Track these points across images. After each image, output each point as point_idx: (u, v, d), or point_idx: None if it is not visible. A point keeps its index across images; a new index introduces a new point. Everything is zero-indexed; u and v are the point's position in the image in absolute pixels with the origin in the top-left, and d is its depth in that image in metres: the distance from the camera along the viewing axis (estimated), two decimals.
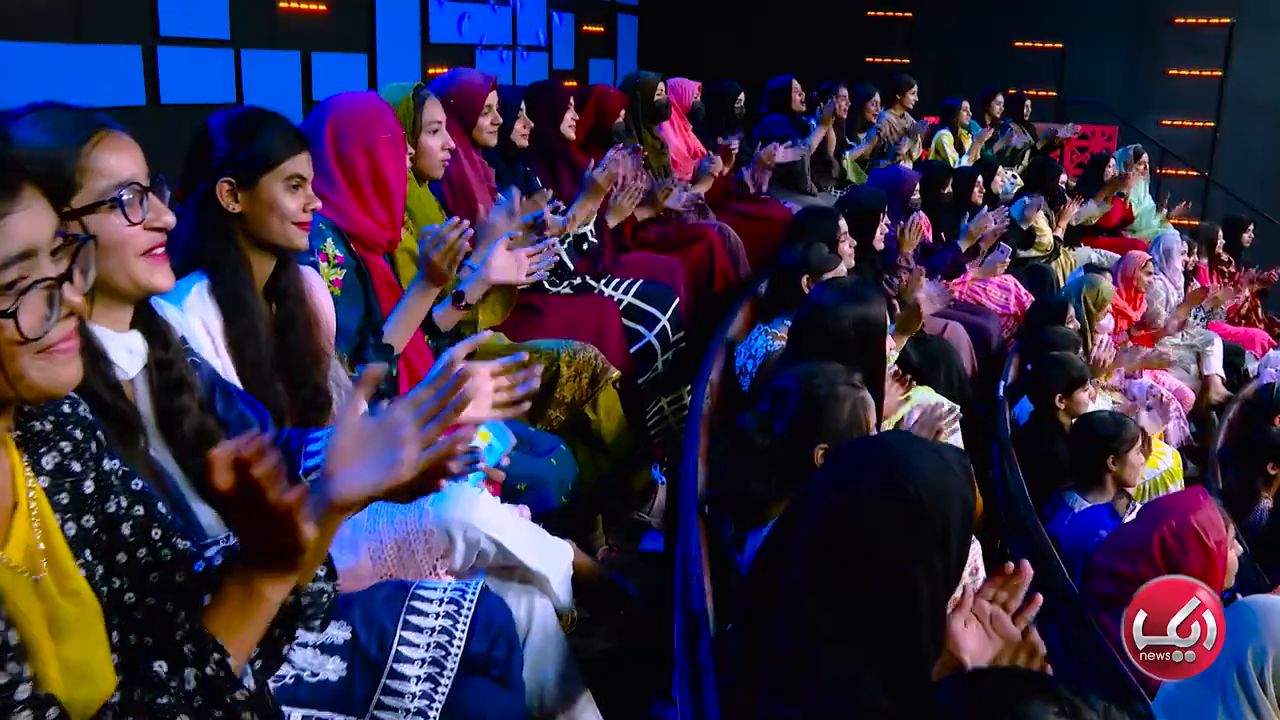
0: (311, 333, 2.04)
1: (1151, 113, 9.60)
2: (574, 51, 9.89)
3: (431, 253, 2.32)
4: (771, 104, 6.60)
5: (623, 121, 4.51)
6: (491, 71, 8.70)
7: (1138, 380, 5.82)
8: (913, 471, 1.51)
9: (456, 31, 8.30)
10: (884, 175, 5.41)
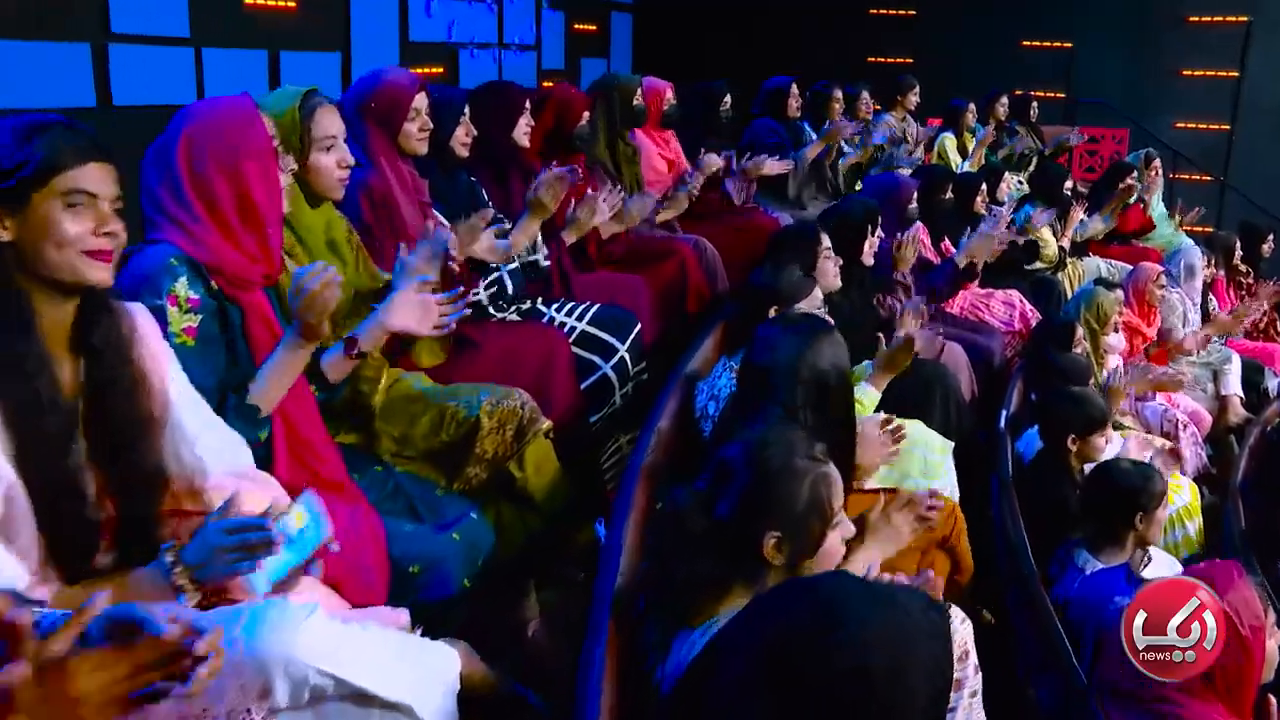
0: (136, 396, 1.62)
1: (1164, 115, 9.11)
2: (565, 51, 9.46)
3: (294, 304, 1.90)
4: (766, 107, 6.15)
5: (587, 126, 4.07)
6: (477, 71, 8.35)
7: (1150, 403, 5.36)
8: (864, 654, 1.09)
9: (438, 29, 7.88)
10: (877, 183, 4.96)
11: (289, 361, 1.96)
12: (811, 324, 2.27)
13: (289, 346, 1.96)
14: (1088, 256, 6.89)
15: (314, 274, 1.87)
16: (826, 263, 3.37)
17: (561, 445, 2.96)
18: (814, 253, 3.35)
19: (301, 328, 1.93)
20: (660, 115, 4.90)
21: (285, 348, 1.97)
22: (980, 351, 4.80)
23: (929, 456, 3.41)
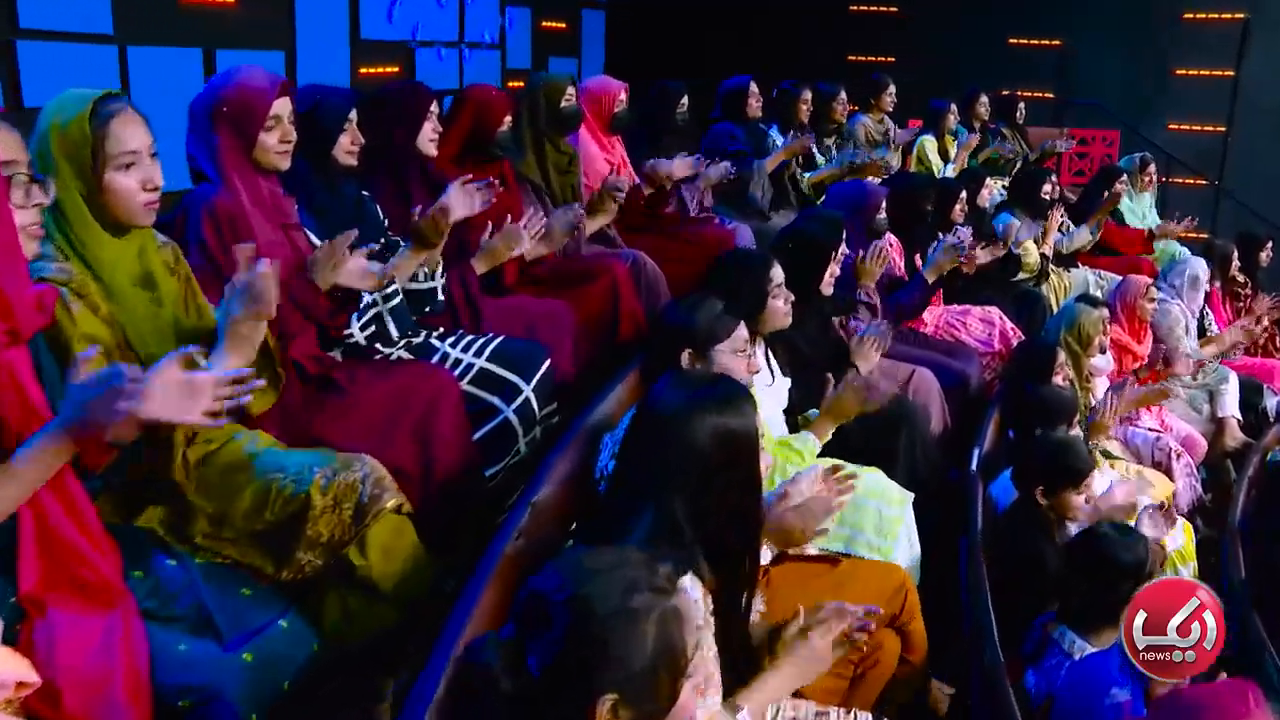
0: None
1: (1157, 116, 8.64)
2: (532, 49, 9.00)
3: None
4: (725, 110, 5.68)
5: (508, 131, 3.62)
6: (436, 71, 7.90)
7: (1139, 429, 4.91)
8: None
9: (392, 26, 7.42)
10: (844, 192, 4.50)
11: (47, 453, 1.51)
12: (711, 389, 1.80)
13: (52, 438, 1.51)
14: (1076, 268, 6.43)
15: None
16: (775, 301, 2.92)
17: (449, 504, 2.52)
18: (761, 289, 2.90)
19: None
20: (610, 118, 4.44)
21: (47, 438, 1.51)
22: (954, 376, 4.34)
23: (885, 511, 2.96)
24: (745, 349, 2.37)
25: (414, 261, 2.80)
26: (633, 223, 4.31)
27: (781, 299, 2.93)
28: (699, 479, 1.68)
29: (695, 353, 2.31)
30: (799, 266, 3.45)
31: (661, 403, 1.78)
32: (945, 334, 4.84)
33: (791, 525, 2.26)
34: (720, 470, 1.70)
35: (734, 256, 2.96)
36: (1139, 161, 7.06)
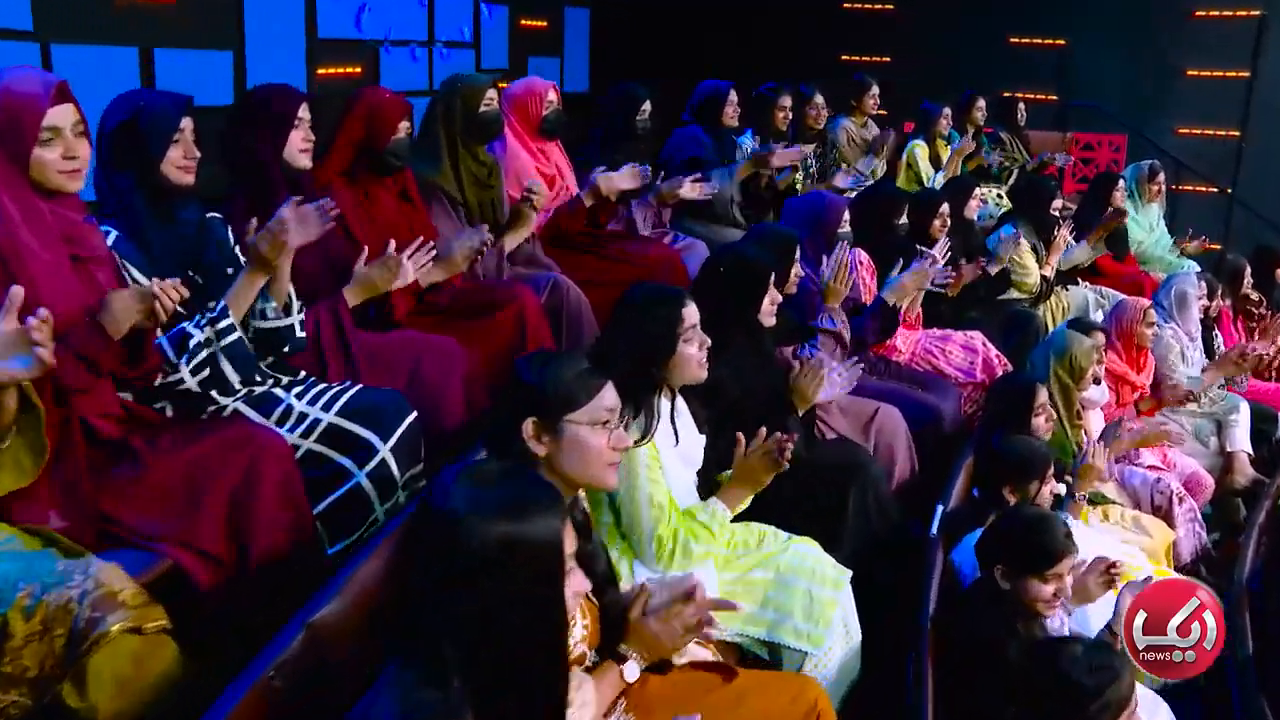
0: None
1: (1166, 119, 8.08)
2: (509, 49, 8.53)
3: None
4: (698, 114, 5.19)
5: (406, 139, 3.15)
6: (402, 72, 7.44)
7: (1137, 468, 4.40)
8: None
9: (353, 24, 6.96)
10: (801, 205, 4.01)
11: None
12: (505, 486, 1.34)
13: None
14: (1075, 285, 5.92)
15: None
16: (687, 347, 2.43)
17: (270, 595, 2.06)
18: (669, 333, 2.42)
19: None
20: (539, 122, 3.97)
21: None
22: (926, 413, 3.85)
23: (816, 592, 2.49)
24: (609, 419, 1.89)
25: (251, 288, 2.34)
26: (573, 241, 3.84)
27: (695, 344, 2.45)
28: (472, 601, 1.23)
29: (540, 422, 1.84)
30: (732, 294, 2.98)
31: (439, 498, 1.34)
32: (922, 362, 4.35)
33: (655, 635, 1.81)
34: (500, 591, 1.25)
35: (639, 293, 2.48)
36: (1147, 170, 6.52)
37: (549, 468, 1.88)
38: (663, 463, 2.44)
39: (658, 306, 2.45)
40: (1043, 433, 3.57)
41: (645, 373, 2.42)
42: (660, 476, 2.43)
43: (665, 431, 2.46)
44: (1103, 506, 4.06)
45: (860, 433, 3.57)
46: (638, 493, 2.39)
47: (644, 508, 2.39)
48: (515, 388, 1.87)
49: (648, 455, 2.40)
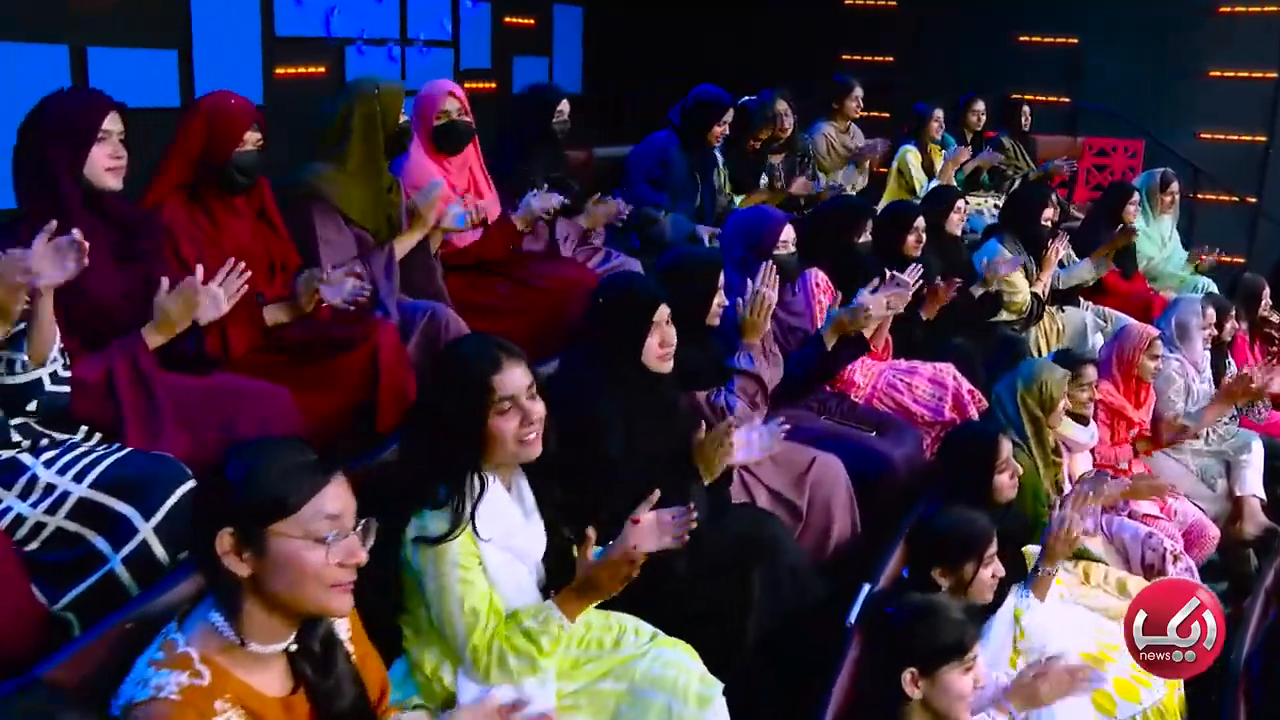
0: None
1: (1186, 123, 7.47)
2: (491, 47, 8.08)
3: None
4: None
5: (253, 152, 2.69)
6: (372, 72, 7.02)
7: (1127, 519, 3.86)
8: None
9: (315, 21, 6.54)
10: (738, 222, 3.50)
11: None
12: None
13: None
14: (1074, 305, 5.35)
15: None
16: (503, 421, 1.97)
17: None
18: (477, 407, 1.97)
19: None
20: (432, 130, 3.50)
21: None
22: (877, 462, 3.34)
23: (677, 709, 2.00)
24: (334, 529, 1.43)
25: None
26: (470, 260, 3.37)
27: (515, 418, 1.98)
28: None
29: (238, 534, 1.38)
30: (610, 334, 2.51)
31: None
32: (885, 399, 3.83)
33: None
34: None
35: (454, 349, 2.02)
36: (1158, 179, 5.94)
37: (255, 592, 1.42)
38: (483, 558, 1.99)
39: (467, 368, 1.99)
40: (1007, 492, 3.07)
41: (453, 451, 1.96)
42: (478, 576, 1.99)
43: (496, 518, 2.00)
44: (1084, 565, 3.55)
45: (794, 486, 3.08)
46: (447, 596, 1.96)
47: (455, 613, 1.96)
48: (208, 488, 1.41)
49: (459, 552, 1.96)
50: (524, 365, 2.03)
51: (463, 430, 1.96)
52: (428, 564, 1.95)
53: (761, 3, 8.32)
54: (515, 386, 2.00)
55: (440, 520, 1.94)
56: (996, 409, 3.53)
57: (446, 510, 1.94)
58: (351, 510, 1.47)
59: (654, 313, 2.50)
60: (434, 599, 1.98)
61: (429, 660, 2.05)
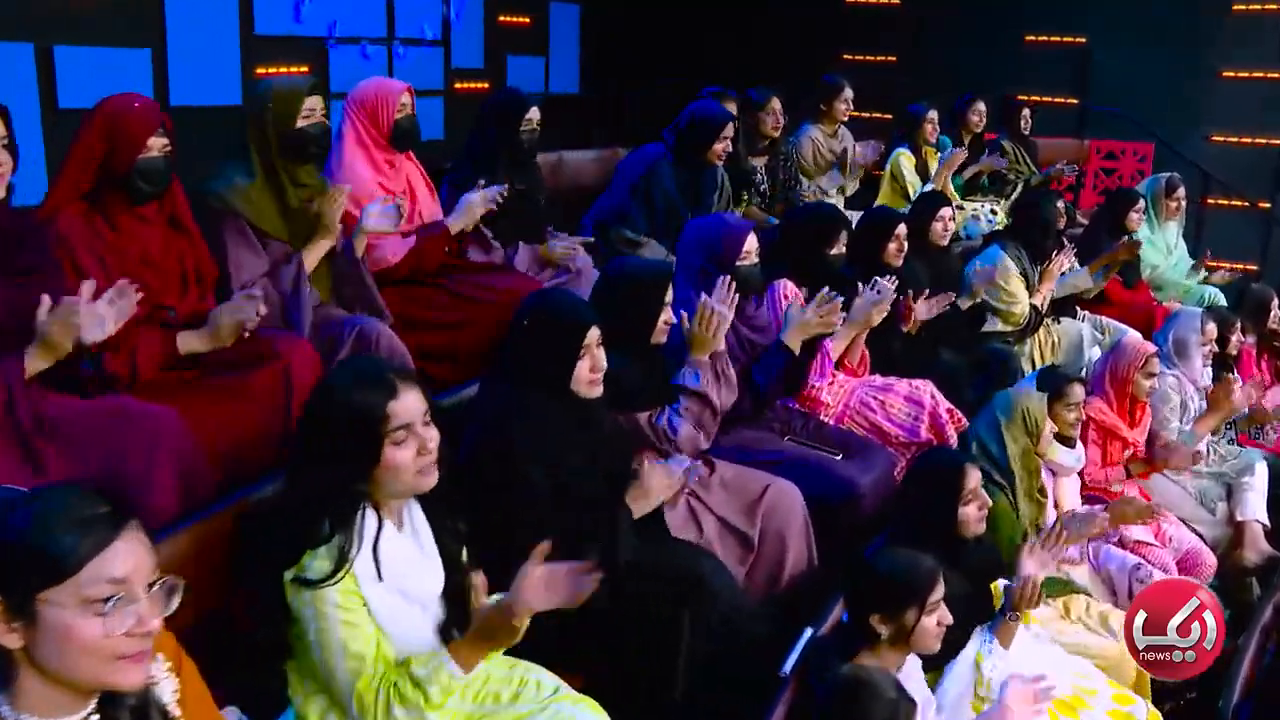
0: None
1: (1199, 125, 7.19)
2: (484, 47, 7.89)
3: None
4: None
5: (159, 158, 2.50)
6: (356, 72, 6.82)
7: (1114, 549, 3.61)
8: None
9: (294, 19, 6.37)
10: (696, 232, 3.28)
11: None
12: None
13: None
14: (1070, 315, 5.10)
15: None
16: (399, 451, 1.77)
17: None
18: (370, 435, 1.78)
19: None
20: (389, 130, 3.30)
21: None
22: (840, 488, 3.12)
23: None
24: (116, 594, 1.23)
25: None
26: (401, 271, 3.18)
27: (412, 447, 1.79)
28: None
29: (5, 603, 1.18)
30: (535, 358, 2.31)
31: None
32: (857, 418, 3.61)
33: None
34: None
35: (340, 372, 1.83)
36: (1164, 184, 5.68)
37: (30, 664, 1.23)
38: (369, 601, 1.79)
39: (359, 394, 1.79)
40: (973, 526, 2.83)
41: (341, 484, 1.77)
42: (363, 619, 1.80)
43: (385, 557, 1.83)
44: (1065, 598, 3.31)
45: (745, 515, 2.87)
46: (329, 640, 1.78)
47: (338, 659, 1.79)
48: None
49: (339, 594, 1.77)
50: (419, 389, 1.85)
51: (354, 462, 1.78)
52: (307, 607, 1.78)
53: (763, 1, 8.10)
54: (411, 413, 1.82)
55: (323, 560, 1.77)
56: (976, 450, 3.29)
57: (331, 549, 1.77)
58: (146, 570, 1.27)
59: (584, 336, 2.30)
60: (316, 644, 1.81)
61: (314, 710, 1.89)
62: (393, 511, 1.90)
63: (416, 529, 1.92)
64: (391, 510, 1.90)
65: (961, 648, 2.70)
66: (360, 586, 1.79)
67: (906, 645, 2.17)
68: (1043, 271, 4.83)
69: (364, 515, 1.81)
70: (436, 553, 1.94)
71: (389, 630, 1.82)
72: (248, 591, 1.88)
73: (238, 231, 2.79)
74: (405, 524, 1.91)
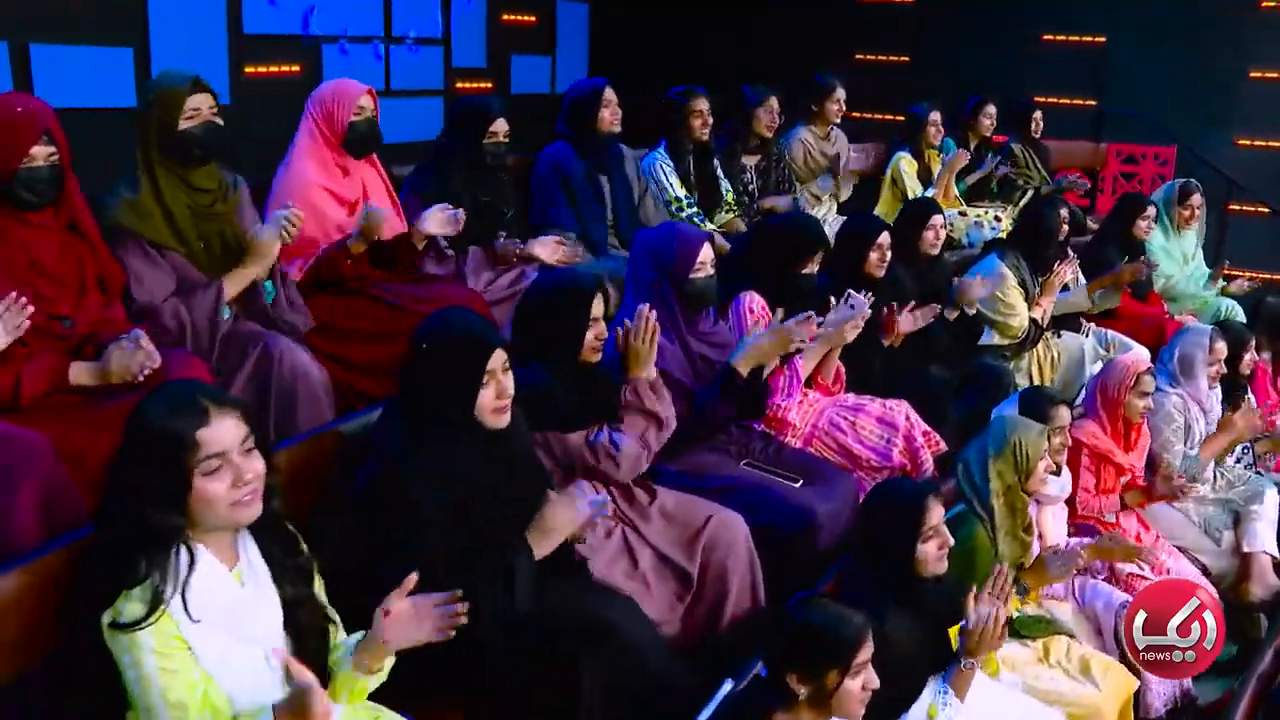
0: None
1: (1224, 129, 6.85)
2: (486, 46, 7.72)
3: None
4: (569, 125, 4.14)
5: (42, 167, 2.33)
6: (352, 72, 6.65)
7: (1101, 584, 3.35)
8: None
9: (289, 18, 6.23)
10: (648, 240, 3.03)
11: None
12: None
13: None
14: (1072, 329, 4.82)
15: None
16: (210, 483, 1.62)
17: None
18: (176, 469, 1.62)
19: None
20: (344, 133, 3.13)
21: None
22: (799, 518, 2.89)
23: None
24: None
25: None
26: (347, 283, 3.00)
27: (227, 478, 1.63)
28: None
29: None
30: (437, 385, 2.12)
31: None
32: (824, 441, 3.38)
33: None
34: None
35: (146, 405, 1.65)
36: (1178, 191, 5.38)
37: None
38: (192, 644, 1.65)
39: (165, 423, 1.63)
40: (932, 565, 2.60)
41: (152, 520, 1.61)
42: (185, 664, 1.65)
43: (210, 596, 1.67)
44: (1045, 639, 3.06)
45: (684, 548, 2.66)
46: (148, 688, 1.64)
47: (158, 708, 1.65)
48: None
49: (155, 638, 1.62)
50: (238, 416, 1.68)
51: (162, 496, 1.63)
52: (125, 653, 1.64)
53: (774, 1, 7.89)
54: (225, 441, 1.66)
55: (136, 603, 1.62)
56: (961, 477, 3.05)
57: (145, 590, 1.62)
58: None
59: (486, 360, 2.11)
60: (136, 692, 1.66)
61: None
62: (223, 546, 1.74)
63: (252, 563, 1.75)
64: (221, 545, 1.73)
65: (915, 698, 2.49)
66: (181, 630, 1.63)
67: (827, 709, 1.95)
68: (1044, 283, 4.56)
69: (181, 552, 1.65)
70: (273, 589, 1.77)
71: (219, 676, 1.65)
72: (69, 638, 1.71)
73: (134, 248, 2.62)
74: (241, 559, 1.74)
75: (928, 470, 3.38)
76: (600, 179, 4.00)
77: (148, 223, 2.62)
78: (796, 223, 3.63)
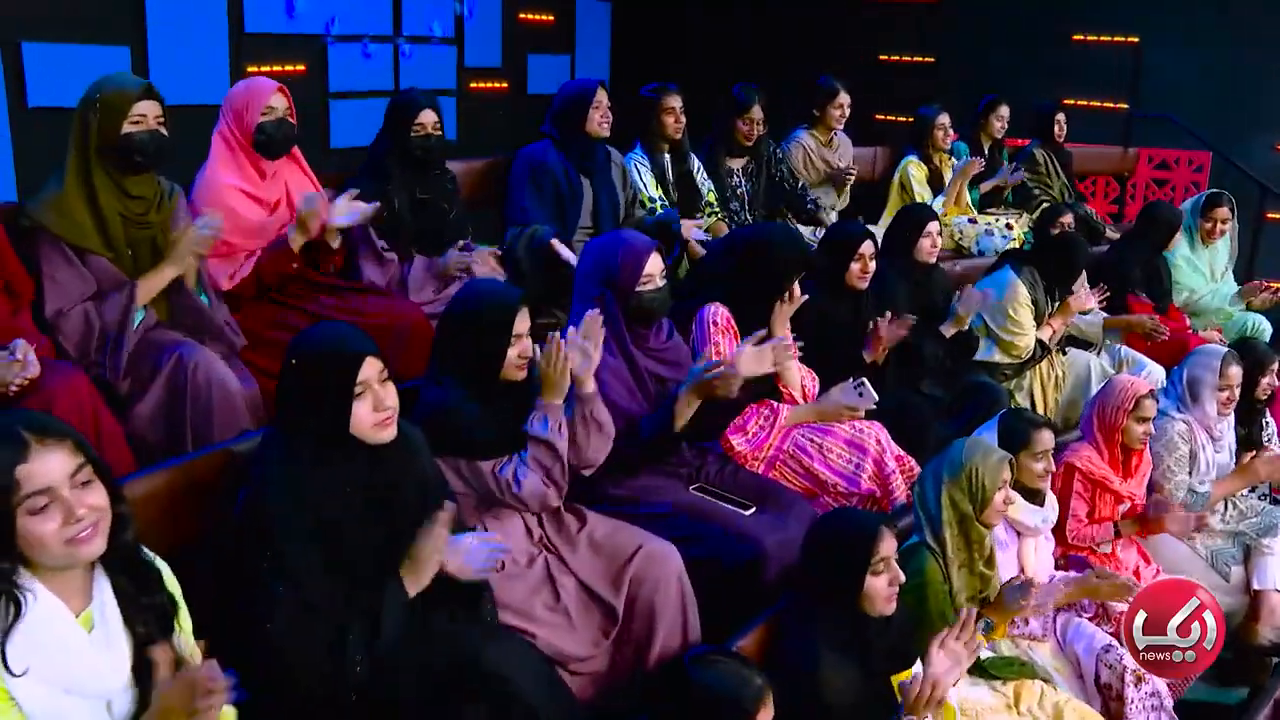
0: None
1: (1260, 134, 6.49)
2: (501, 45, 7.59)
3: None
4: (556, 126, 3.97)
5: None
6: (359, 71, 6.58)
7: (1085, 624, 3.10)
8: None
9: (288, 16, 6.16)
10: (594, 251, 2.85)
11: None
12: None
13: None
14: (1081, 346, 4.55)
15: None
16: (36, 520, 1.47)
17: None
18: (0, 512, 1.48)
19: None
20: (252, 134, 2.99)
21: None
22: (742, 549, 2.69)
23: None
24: None
25: None
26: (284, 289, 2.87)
27: (57, 516, 1.49)
28: None
29: None
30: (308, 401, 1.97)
31: None
32: (789, 464, 3.18)
33: None
34: None
35: None
36: (1206, 202, 5.08)
37: None
38: (17, 698, 1.50)
39: None
40: (881, 604, 2.40)
41: None
42: (10, 718, 1.50)
43: (41, 643, 1.52)
44: (1016, 683, 2.84)
45: (610, 581, 2.48)
46: None
47: None
48: None
49: None
50: (68, 447, 1.53)
51: None
52: None
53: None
54: (52, 476, 1.51)
55: None
56: (917, 501, 2.84)
57: None
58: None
59: (356, 371, 1.95)
60: None
61: None
62: (72, 587, 1.59)
63: (103, 604, 1.60)
64: (68, 585, 1.58)
65: None
66: (6, 681, 1.48)
67: None
68: (1061, 304, 4.30)
69: (11, 598, 1.50)
70: (124, 632, 1.62)
71: None
72: None
73: (51, 249, 2.50)
74: (95, 599, 1.60)
75: (900, 498, 3.16)
76: (582, 181, 3.82)
77: (70, 224, 2.51)
78: (781, 241, 3.28)
